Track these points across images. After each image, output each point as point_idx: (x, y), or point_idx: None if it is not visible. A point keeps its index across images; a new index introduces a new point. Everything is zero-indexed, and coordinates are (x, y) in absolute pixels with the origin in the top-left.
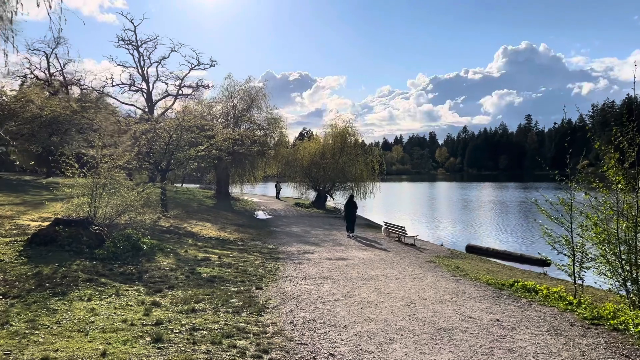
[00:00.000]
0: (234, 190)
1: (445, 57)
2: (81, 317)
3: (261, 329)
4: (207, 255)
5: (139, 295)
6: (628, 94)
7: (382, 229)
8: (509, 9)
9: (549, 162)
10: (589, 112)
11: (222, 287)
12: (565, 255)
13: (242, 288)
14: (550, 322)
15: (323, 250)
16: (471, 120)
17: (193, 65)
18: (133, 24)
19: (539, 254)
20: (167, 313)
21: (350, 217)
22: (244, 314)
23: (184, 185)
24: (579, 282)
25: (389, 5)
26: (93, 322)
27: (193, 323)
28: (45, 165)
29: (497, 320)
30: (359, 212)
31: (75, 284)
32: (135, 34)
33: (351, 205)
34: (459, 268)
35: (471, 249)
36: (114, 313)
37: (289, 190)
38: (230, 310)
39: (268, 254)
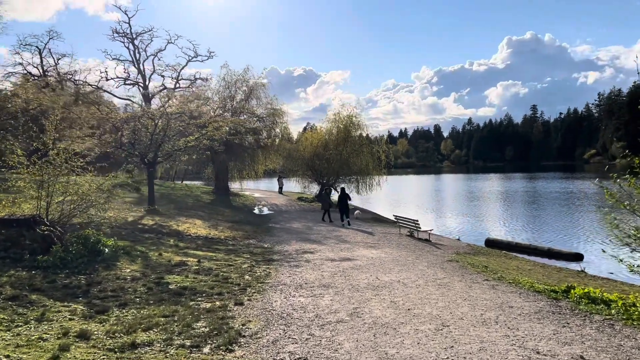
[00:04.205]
0: (234, 185)
1: (449, 50)
2: None
3: None
4: (185, 259)
5: (70, 319)
6: (634, 82)
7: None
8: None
9: (555, 152)
10: (595, 101)
11: (191, 304)
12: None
13: (217, 304)
14: None
15: (325, 249)
16: (476, 112)
17: (190, 57)
18: (127, 15)
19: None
20: (89, 354)
21: (343, 207)
22: (206, 349)
23: (184, 181)
24: None
25: None
26: None
27: None
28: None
29: (582, 358)
30: (366, 206)
31: None
32: (130, 25)
33: (343, 197)
34: (488, 268)
35: (491, 244)
36: (7, 357)
37: (293, 185)
38: (188, 343)
39: (260, 255)
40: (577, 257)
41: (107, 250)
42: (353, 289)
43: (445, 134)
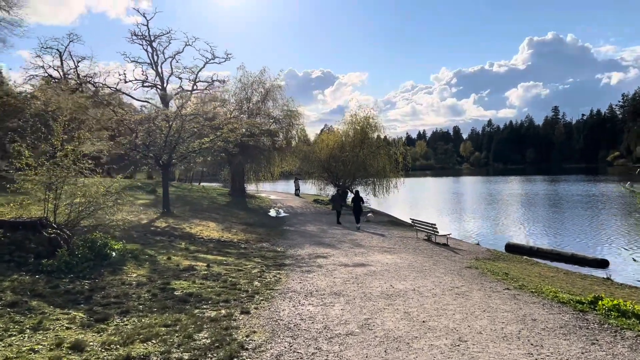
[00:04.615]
0: (250, 187)
1: (469, 51)
2: None
3: None
4: (194, 263)
5: (68, 328)
6: None
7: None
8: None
9: (578, 154)
10: (619, 102)
11: (195, 312)
12: None
13: (222, 312)
14: None
15: (339, 254)
16: (496, 113)
17: (208, 59)
18: (145, 17)
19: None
20: None
21: (356, 210)
22: None
23: (202, 183)
24: None
25: (410, 0)
26: None
27: None
28: None
29: None
30: (381, 209)
31: None
32: (148, 28)
33: (357, 199)
34: (509, 275)
35: (512, 248)
36: None
37: (309, 187)
38: (186, 356)
39: (272, 260)
40: (603, 264)
41: (114, 254)
42: (365, 298)
43: (465, 135)
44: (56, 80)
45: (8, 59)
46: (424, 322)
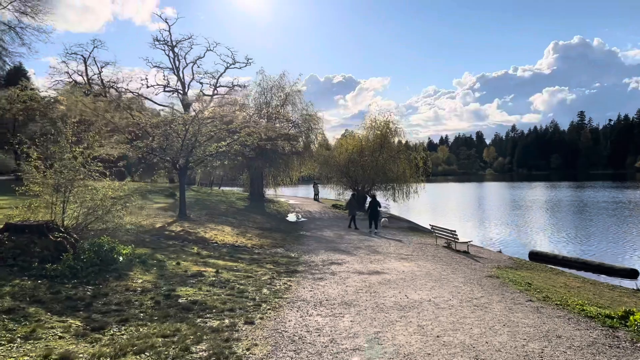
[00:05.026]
0: (269, 191)
1: (492, 55)
2: None
3: None
4: (204, 269)
5: (60, 337)
6: None
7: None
8: (559, 3)
9: (605, 160)
10: None
11: (197, 321)
12: None
13: (225, 322)
14: None
15: (354, 261)
16: (520, 118)
17: (228, 64)
18: (168, 23)
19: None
20: None
21: (372, 215)
22: None
23: (222, 187)
24: None
25: (433, 4)
26: None
27: None
28: None
29: None
30: (401, 214)
31: None
32: (170, 33)
33: (374, 204)
34: (532, 285)
35: (536, 257)
36: None
37: (328, 192)
38: None
39: (284, 266)
40: (632, 274)
41: (121, 258)
42: (377, 309)
43: (488, 141)
44: (80, 85)
45: (35, 64)
46: (438, 336)
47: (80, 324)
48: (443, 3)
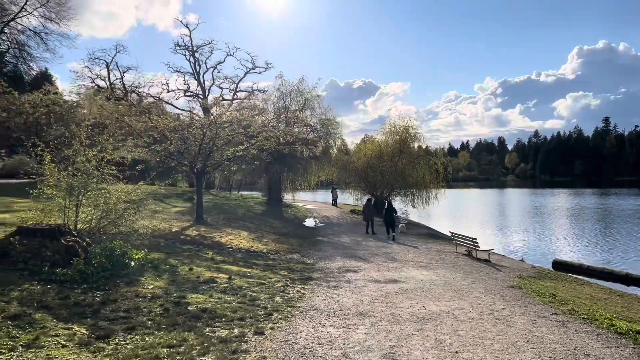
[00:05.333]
0: (287, 196)
1: (515, 60)
2: None
3: None
4: (216, 275)
5: (63, 346)
6: None
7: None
8: (583, 7)
9: (630, 167)
10: None
11: (205, 330)
12: None
13: (234, 332)
14: None
15: (371, 268)
16: (543, 124)
17: (248, 69)
18: (188, 28)
19: None
20: None
21: (388, 221)
22: None
23: (241, 192)
24: None
25: (454, 8)
26: None
27: None
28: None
29: None
30: (420, 221)
31: None
32: (191, 38)
33: (389, 210)
34: (556, 297)
35: (560, 266)
36: None
37: (346, 197)
38: None
39: (299, 272)
40: None
41: (133, 263)
42: (393, 320)
43: (510, 146)
44: (103, 90)
45: (60, 70)
46: (456, 352)
47: (85, 332)
48: (465, 7)
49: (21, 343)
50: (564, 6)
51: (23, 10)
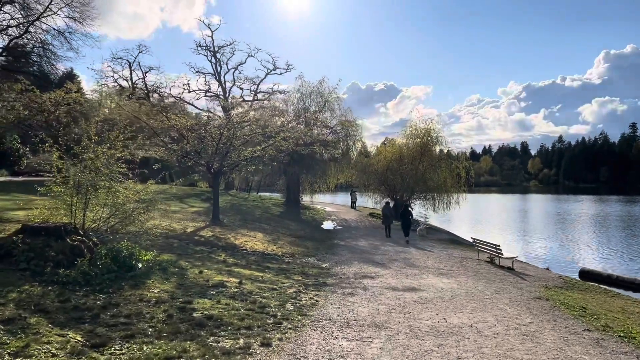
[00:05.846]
0: (306, 198)
1: (539, 64)
2: None
3: None
4: (227, 278)
5: (54, 354)
6: None
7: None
8: (610, 10)
9: None
10: None
11: (209, 340)
12: None
13: (239, 342)
14: None
15: (389, 274)
16: (568, 129)
17: (269, 70)
18: (210, 29)
19: None
20: None
21: (405, 224)
22: None
23: (259, 193)
24: None
25: (478, 11)
26: None
27: None
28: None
29: None
30: (441, 226)
31: None
32: (213, 39)
33: (405, 213)
34: (587, 310)
35: (587, 276)
36: None
37: (365, 200)
38: None
39: (314, 277)
40: None
41: (140, 265)
42: (411, 334)
43: (533, 151)
44: (124, 89)
45: (86, 70)
46: None
47: (80, 340)
48: (489, 10)
49: (9, 351)
50: (590, 9)
51: (48, 9)
